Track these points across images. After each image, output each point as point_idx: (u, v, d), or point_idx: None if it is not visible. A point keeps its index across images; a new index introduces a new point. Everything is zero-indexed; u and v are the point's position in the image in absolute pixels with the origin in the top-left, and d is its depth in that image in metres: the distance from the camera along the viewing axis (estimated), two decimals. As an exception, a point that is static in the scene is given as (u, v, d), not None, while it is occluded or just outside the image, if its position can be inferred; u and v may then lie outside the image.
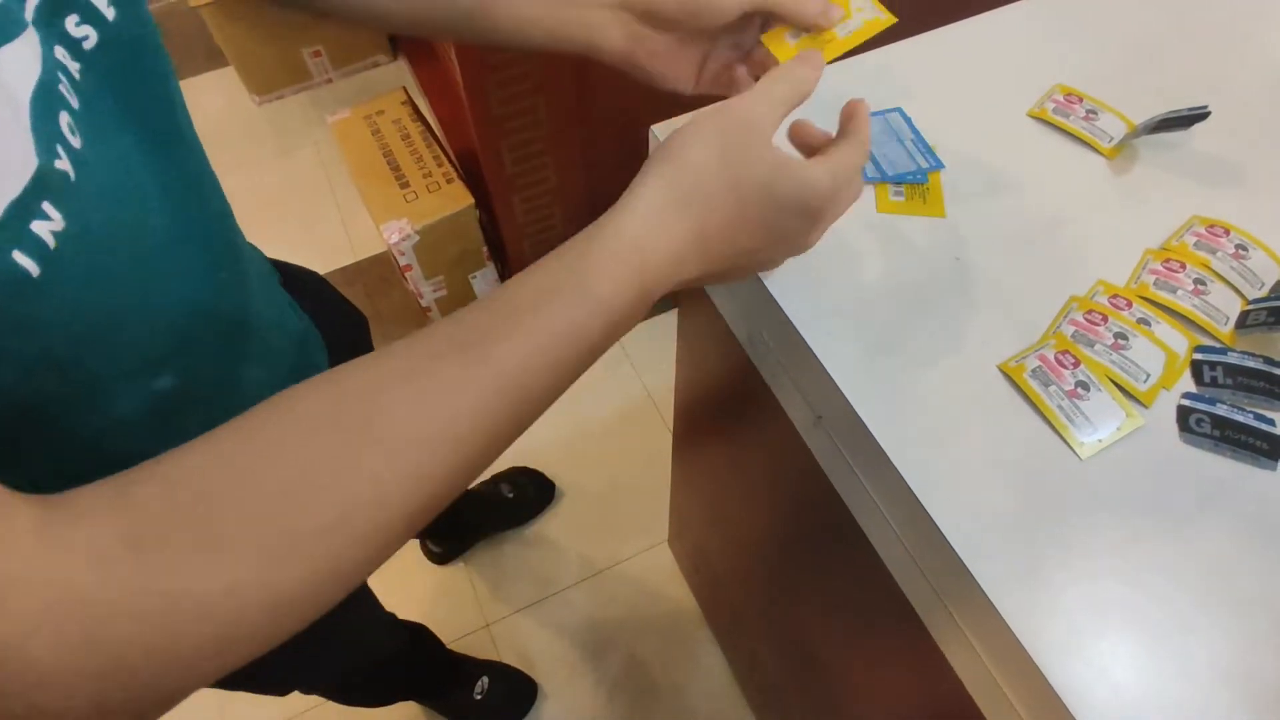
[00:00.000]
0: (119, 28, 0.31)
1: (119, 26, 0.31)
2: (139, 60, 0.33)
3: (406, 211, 1.39)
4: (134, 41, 0.32)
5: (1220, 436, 0.41)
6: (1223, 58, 0.59)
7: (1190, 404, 0.42)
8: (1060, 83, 0.57)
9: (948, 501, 0.39)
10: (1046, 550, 0.38)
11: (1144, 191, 0.52)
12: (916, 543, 0.42)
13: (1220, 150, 0.54)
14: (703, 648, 1.25)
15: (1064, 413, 0.42)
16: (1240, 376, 0.43)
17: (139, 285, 0.33)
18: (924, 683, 0.54)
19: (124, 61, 0.32)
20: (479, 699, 1.18)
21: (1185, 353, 0.44)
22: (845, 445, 0.45)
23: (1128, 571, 0.38)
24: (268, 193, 1.83)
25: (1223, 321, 0.45)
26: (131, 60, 0.32)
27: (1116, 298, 0.46)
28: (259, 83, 1.95)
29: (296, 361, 0.51)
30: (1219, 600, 0.37)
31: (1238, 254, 0.48)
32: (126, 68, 0.32)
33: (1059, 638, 0.36)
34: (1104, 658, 0.35)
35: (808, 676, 0.84)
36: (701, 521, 1.06)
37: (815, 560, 0.65)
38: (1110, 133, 0.54)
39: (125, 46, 0.32)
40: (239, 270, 0.42)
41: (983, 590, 0.37)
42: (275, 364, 0.47)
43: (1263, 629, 0.36)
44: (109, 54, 0.31)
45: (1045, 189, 0.52)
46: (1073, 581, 0.37)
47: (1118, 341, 0.44)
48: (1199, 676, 0.35)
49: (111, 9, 0.31)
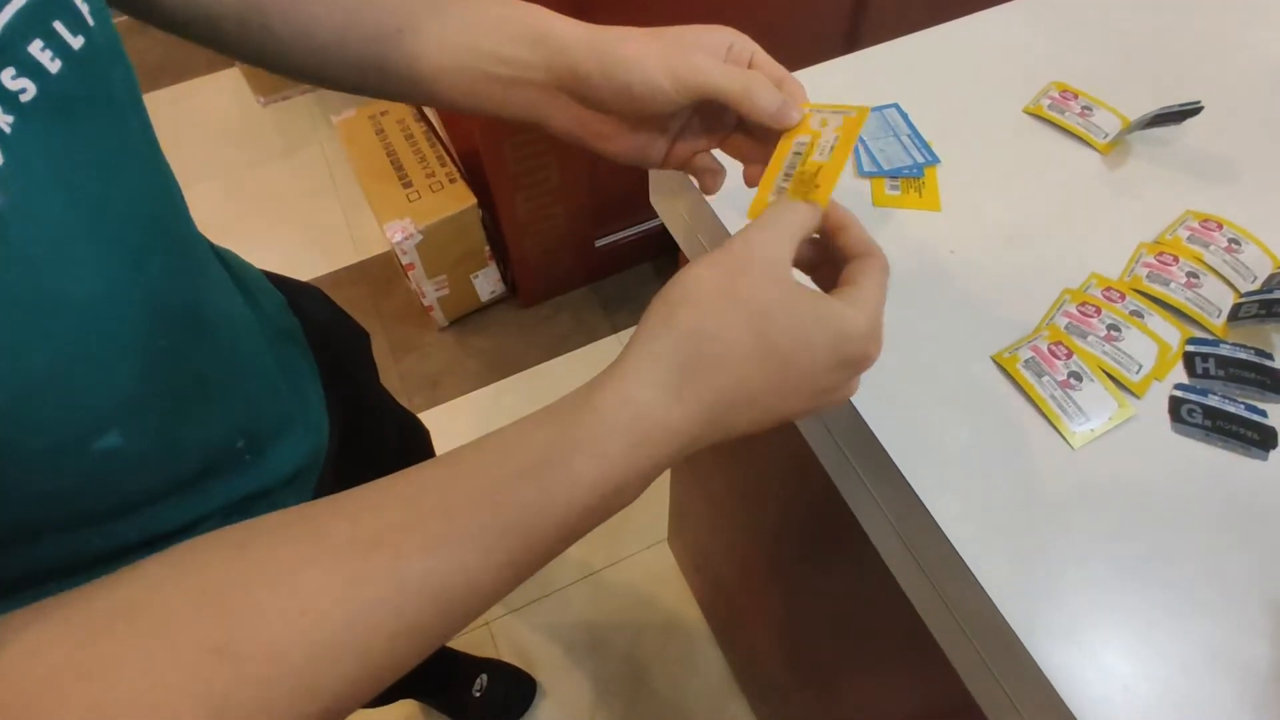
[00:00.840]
0: (63, 82, 0.29)
1: (63, 81, 0.29)
2: (86, 117, 0.31)
3: (410, 211, 1.40)
4: (81, 98, 0.30)
5: (1212, 427, 0.42)
6: (1216, 54, 0.60)
7: (1182, 395, 0.43)
8: (1056, 79, 0.57)
9: (941, 489, 0.40)
10: (1038, 537, 0.38)
11: (1138, 186, 0.52)
12: (911, 533, 0.42)
13: (1214, 146, 0.54)
14: (701, 645, 1.25)
15: (1056, 402, 0.42)
16: (1232, 368, 0.43)
17: (64, 354, 0.31)
18: (920, 675, 0.54)
19: (65, 118, 0.29)
20: (478, 697, 1.18)
21: (1177, 344, 0.45)
22: (840, 437, 0.46)
23: (1119, 559, 0.38)
24: (272, 193, 1.84)
25: (1215, 314, 0.46)
26: (75, 117, 0.30)
27: (1110, 290, 0.46)
28: (264, 84, 1.97)
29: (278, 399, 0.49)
30: (1211, 587, 0.37)
31: (1230, 248, 0.48)
32: (69, 124, 0.30)
33: (1052, 624, 0.36)
34: (1096, 644, 0.36)
35: (806, 673, 0.84)
36: (701, 520, 1.06)
37: (813, 554, 0.65)
38: (1105, 129, 0.54)
39: (70, 102, 0.29)
40: (194, 334, 0.39)
41: (975, 578, 0.37)
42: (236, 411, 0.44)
43: (1253, 616, 0.36)
44: (49, 109, 0.28)
45: (1040, 184, 0.52)
46: (1065, 568, 0.38)
47: (1110, 333, 0.44)
48: (1192, 662, 0.35)
49: (56, 62, 0.28)
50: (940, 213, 0.51)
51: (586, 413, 0.29)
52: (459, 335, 1.61)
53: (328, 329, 0.60)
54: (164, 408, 0.37)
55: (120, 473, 0.35)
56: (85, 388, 0.32)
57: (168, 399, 0.37)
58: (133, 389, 0.34)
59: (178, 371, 0.37)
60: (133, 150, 0.34)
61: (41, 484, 0.32)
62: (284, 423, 0.49)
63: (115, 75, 0.33)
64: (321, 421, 0.54)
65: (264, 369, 0.48)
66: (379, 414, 0.75)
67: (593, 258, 1.58)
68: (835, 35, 1.32)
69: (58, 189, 0.29)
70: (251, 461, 0.45)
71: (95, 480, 0.35)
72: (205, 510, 0.42)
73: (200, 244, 0.43)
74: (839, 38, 1.33)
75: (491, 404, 1.52)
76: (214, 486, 0.42)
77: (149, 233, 0.35)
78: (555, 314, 1.63)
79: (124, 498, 0.37)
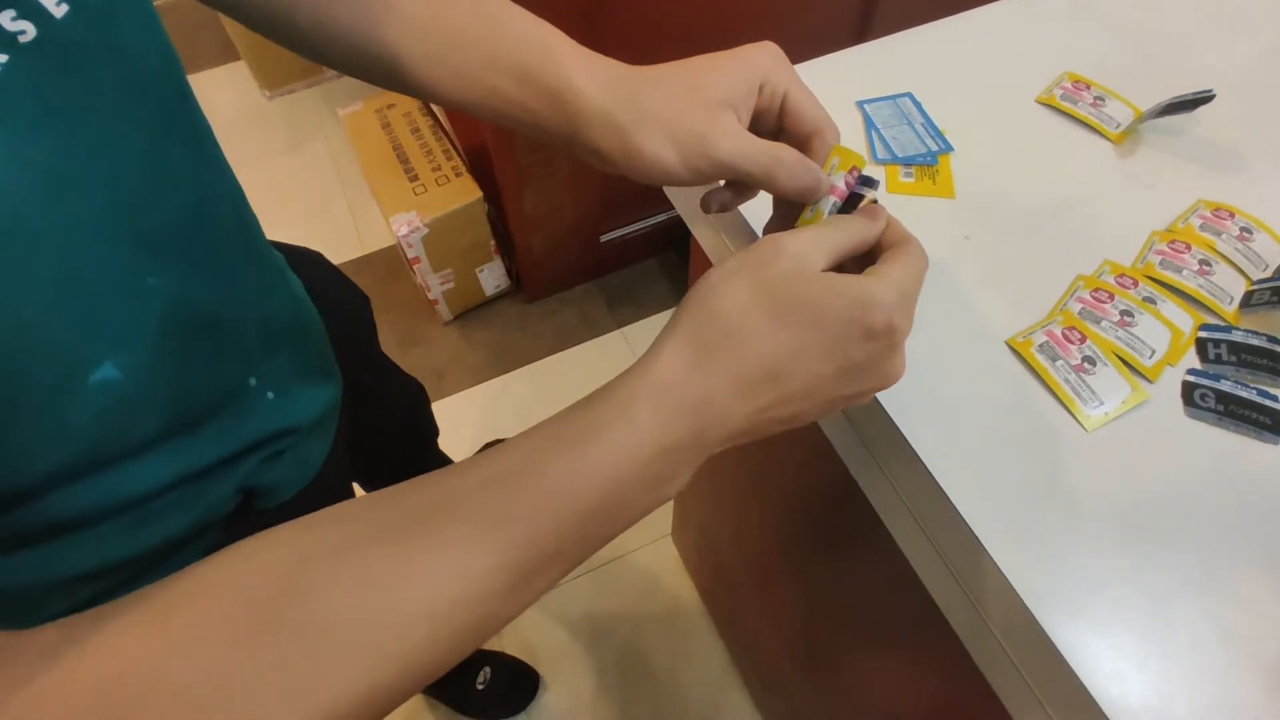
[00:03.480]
0: (66, 28, 0.29)
1: (67, 27, 0.29)
2: (88, 63, 0.31)
3: (415, 204, 1.40)
4: (88, 45, 0.31)
5: (1224, 411, 0.42)
6: (1228, 43, 0.60)
7: (1195, 379, 0.43)
8: (1068, 70, 0.58)
9: (957, 470, 0.40)
10: (1052, 517, 0.39)
11: (1150, 175, 0.52)
12: (926, 515, 0.43)
13: (1225, 135, 0.54)
14: (704, 638, 1.26)
15: (1070, 386, 0.42)
16: (1244, 354, 0.43)
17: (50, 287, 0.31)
18: (929, 658, 0.54)
19: (65, 62, 0.30)
20: (481, 689, 1.18)
21: (1190, 330, 0.45)
22: (855, 419, 0.46)
23: (1132, 539, 0.38)
24: (278, 185, 1.84)
25: (1227, 301, 0.46)
26: (76, 62, 0.30)
27: (1123, 277, 0.47)
28: (270, 77, 1.97)
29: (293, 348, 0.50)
30: (1222, 567, 0.37)
31: (1242, 236, 0.48)
32: (68, 69, 0.30)
33: (1065, 602, 0.36)
34: (1109, 622, 0.36)
35: (809, 664, 0.84)
36: (706, 512, 1.06)
37: (824, 540, 0.65)
38: (1117, 119, 0.55)
39: (70, 48, 0.30)
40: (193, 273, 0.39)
41: (990, 556, 0.38)
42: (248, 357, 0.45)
43: (1264, 596, 0.37)
44: (46, 52, 0.29)
45: (1053, 173, 0.53)
46: (1078, 548, 0.38)
47: (1124, 319, 0.45)
48: (1203, 640, 0.36)
49: (63, 7, 0.29)
50: (955, 200, 0.51)
51: (618, 389, 0.30)
52: (464, 329, 1.61)
53: (328, 291, 0.62)
54: (158, 343, 0.37)
55: (123, 407, 0.36)
56: (74, 320, 0.33)
57: (162, 334, 0.37)
58: (122, 322, 0.35)
59: (173, 307, 0.38)
60: (141, 98, 0.35)
61: (51, 418, 0.33)
62: (303, 365, 0.50)
63: (128, 25, 0.33)
64: (336, 370, 0.55)
65: (275, 310, 0.49)
66: (382, 376, 0.78)
67: (598, 253, 1.59)
68: (847, 25, 1.33)
69: (48, 131, 0.30)
70: (276, 401, 0.46)
71: (101, 415, 0.35)
72: (223, 453, 0.44)
73: (224, 200, 0.43)
74: (851, 27, 1.33)
75: (496, 398, 1.52)
76: (230, 426, 0.43)
77: (156, 179, 0.36)
78: (560, 309, 1.63)
79: (135, 435, 0.38)
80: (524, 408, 1.50)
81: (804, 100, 0.38)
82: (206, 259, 0.40)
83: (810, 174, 0.36)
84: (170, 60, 0.37)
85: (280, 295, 0.50)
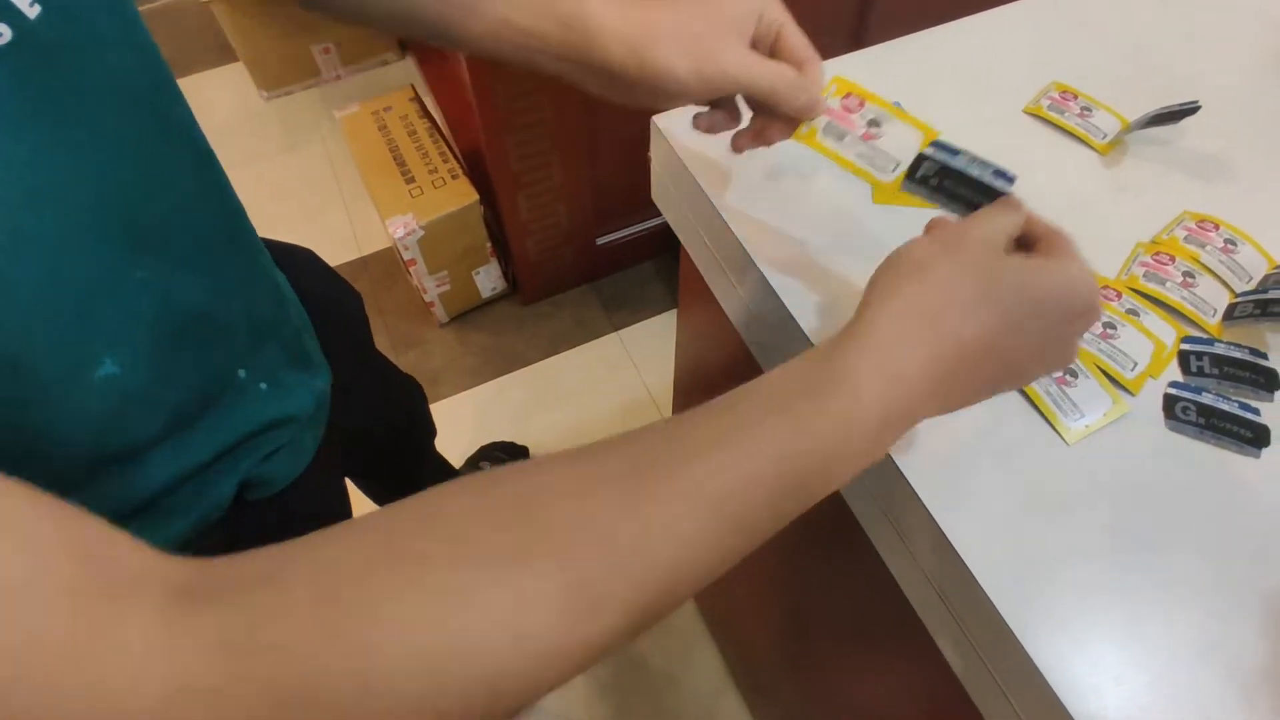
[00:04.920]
0: (42, 27, 0.30)
1: (42, 26, 0.30)
2: (66, 62, 0.31)
3: (412, 207, 1.41)
4: (64, 44, 0.31)
5: (1205, 424, 0.42)
6: (1215, 55, 0.60)
7: (1176, 392, 0.43)
8: (1056, 80, 0.58)
9: (937, 482, 0.40)
10: (1032, 530, 0.39)
11: (1136, 186, 0.52)
12: (905, 526, 0.43)
13: (1211, 147, 0.54)
14: (698, 643, 1.26)
15: (1052, 398, 0.43)
16: (1226, 366, 0.44)
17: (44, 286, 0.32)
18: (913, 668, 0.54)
19: (42, 62, 0.30)
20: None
21: (1173, 343, 0.45)
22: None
23: (1112, 552, 0.38)
24: (274, 187, 1.84)
25: (1210, 313, 0.46)
26: (55, 61, 0.31)
27: (1106, 289, 0.47)
28: (268, 78, 1.97)
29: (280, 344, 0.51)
30: (1202, 581, 0.38)
31: (1226, 248, 0.49)
32: (47, 68, 0.30)
33: (1044, 617, 0.36)
34: (1087, 636, 0.36)
35: (800, 668, 0.84)
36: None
37: (811, 550, 0.65)
38: (1104, 129, 0.55)
39: (47, 47, 0.30)
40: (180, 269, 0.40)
41: (969, 569, 0.38)
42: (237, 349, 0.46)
43: (1244, 609, 0.37)
44: (23, 53, 0.29)
45: (1039, 183, 0.53)
46: (1058, 561, 0.38)
47: (1106, 331, 0.45)
48: (1182, 654, 0.36)
49: (35, 7, 0.29)
50: (938, 210, 0.51)
51: (835, 359, 0.31)
52: (460, 331, 1.61)
53: (317, 287, 0.62)
54: (152, 338, 0.38)
55: (125, 405, 0.37)
56: (72, 317, 0.34)
57: (155, 329, 0.38)
58: (116, 318, 0.36)
59: (163, 302, 0.38)
60: (124, 96, 0.35)
61: (62, 413, 0.34)
62: (291, 356, 0.51)
63: (102, 23, 0.34)
64: (324, 361, 0.56)
65: (261, 302, 0.49)
66: (378, 373, 0.78)
67: (594, 256, 1.59)
68: (841, 32, 1.33)
69: (34, 130, 0.31)
70: (269, 392, 0.47)
71: (106, 414, 0.36)
72: (221, 447, 0.44)
73: (211, 194, 0.44)
74: (844, 35, 1.33)
75: (492, 400, 1.52)
76: (225, 420, 0.44)
77: (142, 174, 0.37)
78: (556, 311, 1.63)
79: (137, 434, 0.39)
80: (520, 410, 1.51)
81: (797, 34, 0.42)
82: (193, 253, 0.41)
83: (809, 93, 0.40)
84: (151, 57, 0.38)
85: (264, 286, 0.50)
